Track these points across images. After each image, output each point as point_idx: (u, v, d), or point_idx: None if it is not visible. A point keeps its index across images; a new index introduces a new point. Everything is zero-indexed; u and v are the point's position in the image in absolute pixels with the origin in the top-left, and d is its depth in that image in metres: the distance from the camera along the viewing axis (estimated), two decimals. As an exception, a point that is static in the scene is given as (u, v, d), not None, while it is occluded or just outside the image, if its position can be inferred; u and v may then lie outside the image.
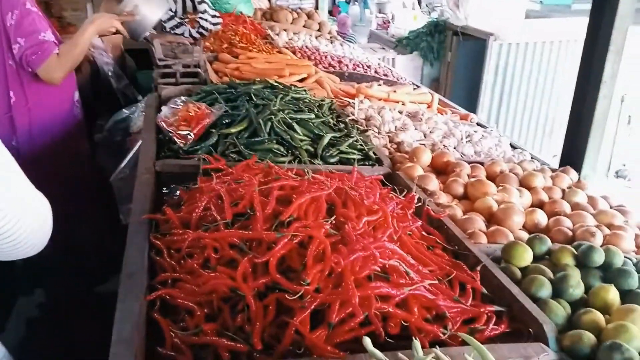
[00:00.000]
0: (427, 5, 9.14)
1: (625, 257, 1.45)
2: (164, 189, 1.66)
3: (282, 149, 1.92)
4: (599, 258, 1.40)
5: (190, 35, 3.95)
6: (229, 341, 1.04)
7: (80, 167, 2.70)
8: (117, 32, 2.71)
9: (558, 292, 1.31)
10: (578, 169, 2.15)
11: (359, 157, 2.01)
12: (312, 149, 1.98)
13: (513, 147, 2.61)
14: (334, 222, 1.26)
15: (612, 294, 1.28)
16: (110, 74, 3.03)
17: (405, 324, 1.11)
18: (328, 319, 1.06)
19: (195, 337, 1.06)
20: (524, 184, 1.96)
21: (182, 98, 2.05)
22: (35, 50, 2.28)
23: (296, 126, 2.03)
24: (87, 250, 2.71)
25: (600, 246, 1.52)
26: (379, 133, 2.38)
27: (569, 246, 1.47)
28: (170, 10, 3.76)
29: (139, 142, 2.74)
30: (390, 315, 1.11)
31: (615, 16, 2.10)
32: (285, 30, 4.95)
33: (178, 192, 1.62)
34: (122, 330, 1.01)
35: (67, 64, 2.42)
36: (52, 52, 2.33)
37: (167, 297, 1.15)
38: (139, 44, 3.71)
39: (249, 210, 1.29)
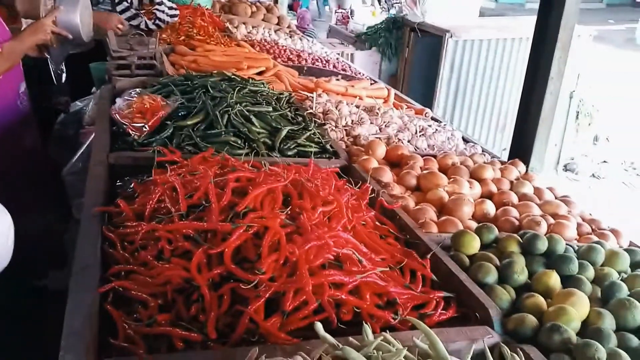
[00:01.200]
0: (385, 2, 9.24)
1: (567, 244, 1.53)
2: (118, 181, 1.64)
3: (239, 142, 1.92)
4: (542, 245, 1.47)
5: (146, 26, 3.88)
6: (183, 331, 1.05)
7: (27, 160, 2.62)
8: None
9: (504, 278, 1.37)
10: (526, 162, 2.24)
11: (316, 150, 2.03)
12: (269, 142, 1.99)
13: (465, 140, 2.69)
14: (289, 212, 1.28)
15: (554, 279, 1.34)
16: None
17: (358, 311, 1.14)
18: (282, 307, 1.08)
19: (148, 328, 1.06)
20: (475, 176, 2.02)
21: (137, 90, 2.02)
22: None
23: (254, 119, 2.03)
24: (30, 244, 2.64)
25: (545, 235, 1.60)
26: (336, 127, 2.41)
27: (515, 235, 1.54)
28: (126, 1, 3.68)
29: (92, 135, 2.69)
30: (343, 302, 1.14)
31: (562, 15, 2.18)
32: (244, 23, 4.91)
33: (132, 185, 1.61)
34: (73, 322, 1.00)
35: None
36: None
37: (121, 289, 1.15)
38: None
39: (204, 202, 1.29)
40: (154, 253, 1.21)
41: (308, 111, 2.52)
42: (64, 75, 2.95)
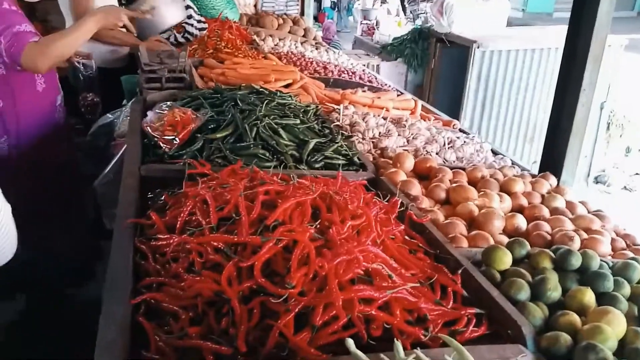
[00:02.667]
0: (411, 13, 9.24)
1: (601, 260, 1.49)
2: (149, 193, 1.67)
3: (267, 154, 1.93)
4: (576, 261, 1.44)
5: (176, 40, 3.95)
6: (214, 344, 1.06)
7: (60, 172, 2.68)
8: (124, 27, 2.64)
9: (536, 295, 1.34)
10: (557, 175, 2.20)
11: (344, 162, 2.03)
12: (297, 154, 1.99)
13: (494, 153, 2.66)
14: (318, 226, 1.28)
15: (588, 297, 1.31)
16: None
17: (388, 326, 1.13)
18: (312, 322, 1.08)
19: (179, 340, 1.07)
20: (505, 189, 2.00)
21: (168, 103, 2.06)
22: (12, 43, 2.20)
23: (282, 131, 2.04)
24: (64, 254, 2.69)
25: (578, 250, 1.56)
26: (363, 139, 2.41)
27: (547, 250, 1.51)
28: None
29: (124, 147, 2.74)
30: (373, 318, 1.13)
31: (593, 26, 2.15)
32: (270, 36, 4.97)
33: (163, 197, 1.63)
34: (106, 334, 1.01)
35: (51, 51, 2.28)
36: (29, 39, 2.22)
37: (152, 301, 1.16)
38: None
39: (234, 215, 1.30)
40: (185, 265, 1.22)
41: (335, 123, 2.53)
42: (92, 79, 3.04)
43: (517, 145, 6.05)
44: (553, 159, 2.27)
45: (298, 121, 2.16)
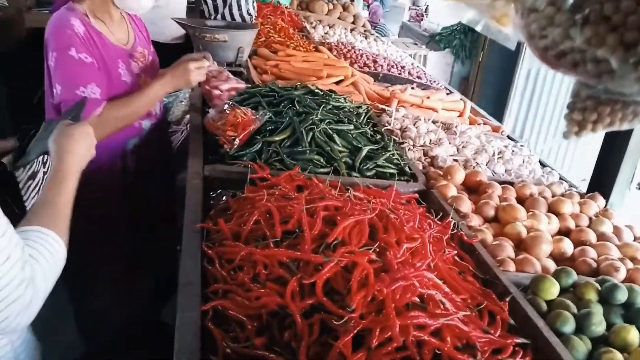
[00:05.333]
0: (462, 0, 9.03)
1: (647, 296, 1.52)
2: (211, 193, 1.76)
3: (321, 160, 2.00)
4: (622, 296, 1.47)
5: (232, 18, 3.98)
6: (277, 356, 1.15)
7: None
8: None
9: (580, 328, 1.39)
10: (606, 197, 2.20)
11: (395, 171, 2.08)
12: (349, 161, 2.06)
13: (542, 164, 2.66)
14: (376, 248, 1.35)
15: (632, 334, 1.35)
16: None
17: (438, 352, 1.20)
18: (368, 343, 1.15)
19: (246, 349, 1.17)
20: (553, 209, 2.02)
21: (230, 102, 2.13)
22: (69, 104, 1.82)
23: (336, 137, 2.10)
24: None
25: (624, 280, 1.59)
26: (413, 146, 2.45)
27: (593, 281, 1.55)
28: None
29: (180, 133, 2.85)
30: (425, 343, 1.20)
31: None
32: (320, 21, 4.99)
33: (224, 198, 1.72)
34: (183, 339, 1.11)
35: (110, 126, 1.95)
36: (91, 112, 1.87)
37: (219, 307, 1.26)
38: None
39: (297, 230, 1.39)
40: (250, 275, 1.31)
41: (386, 127, 2.57)
42: None
43: (567, 153, 5.75)
44: (603, 180, 2.27)
45: (352, 127, 2.22)
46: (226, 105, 2.10)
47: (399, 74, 3.84)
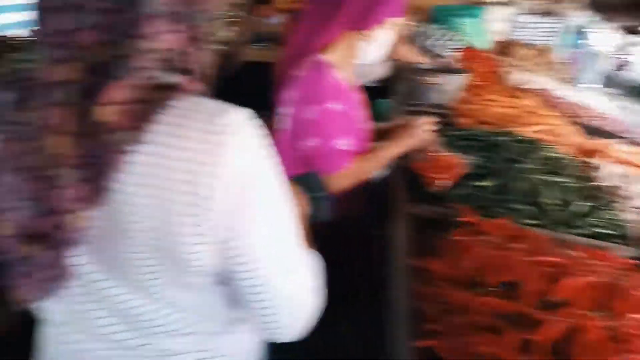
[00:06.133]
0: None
1: None
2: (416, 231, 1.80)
3: (530, 211, 1.93)
4: None
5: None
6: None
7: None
8: None
9: None
10: None
11: (611, 233, 1.92)
12: (560, 216, 1.95)
13: None
14: (607, 315, 1.26)
15: None
16: None
17: None
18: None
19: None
20: None
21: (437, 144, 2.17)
22: (326, 159, 1.88)
23: (546, 189, 2.02)
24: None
25: None
26: (628, 207, 2.24)
27: None
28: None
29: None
30: None
31: None
32: (520, 67, 4.85)
33: (432, 239, 1.75)
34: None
35: (348, 180, 1.95)
36: (342, 165, 1.91)
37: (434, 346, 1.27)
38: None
39: (502, 284, 1.36)
40: (464, 321, 1.31)
41: (594, 183, 2.39)
42: None
43: None
44: None
45: (565, 179, 2.11)
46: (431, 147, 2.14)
47: (605, 125, 3.56)
